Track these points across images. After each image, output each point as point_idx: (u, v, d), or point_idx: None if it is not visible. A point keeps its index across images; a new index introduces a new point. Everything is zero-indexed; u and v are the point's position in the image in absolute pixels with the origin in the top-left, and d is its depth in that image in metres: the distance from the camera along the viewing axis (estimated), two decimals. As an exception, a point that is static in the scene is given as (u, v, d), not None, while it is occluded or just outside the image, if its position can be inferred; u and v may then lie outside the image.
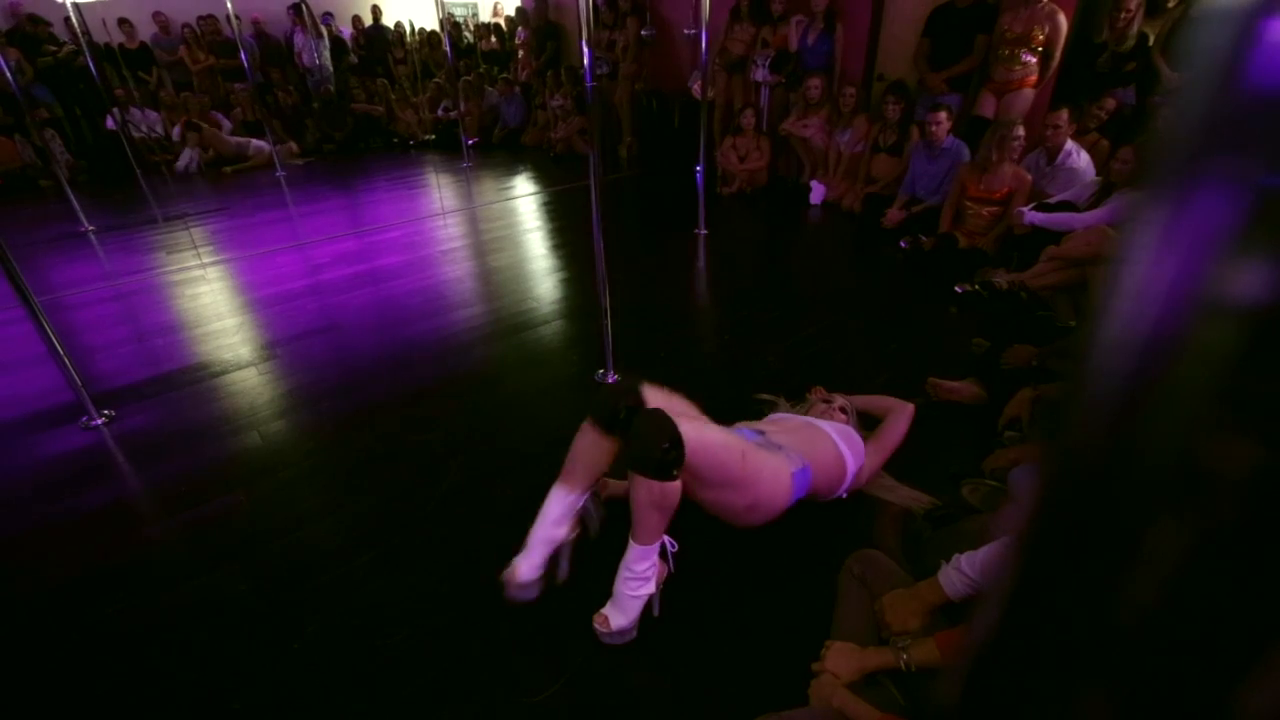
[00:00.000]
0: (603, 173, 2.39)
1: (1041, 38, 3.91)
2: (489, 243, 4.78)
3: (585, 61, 2.17)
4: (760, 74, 5.59)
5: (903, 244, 4.09)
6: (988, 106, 4.27)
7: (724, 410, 2.51)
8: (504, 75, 8.67)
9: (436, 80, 8.87)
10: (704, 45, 4.06)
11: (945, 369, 2.56)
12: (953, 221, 3.95)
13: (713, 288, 3.91)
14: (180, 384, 2.91)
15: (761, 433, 1.73)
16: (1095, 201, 3.32)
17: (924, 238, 4.02)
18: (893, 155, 4.68)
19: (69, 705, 1.51)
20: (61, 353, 2.48)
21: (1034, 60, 4.00)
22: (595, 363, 2.80)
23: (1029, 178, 3.64)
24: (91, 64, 7.13)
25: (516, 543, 1.60)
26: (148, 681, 1.55)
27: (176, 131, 7.60)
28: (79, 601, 1.79)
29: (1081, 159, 3.62)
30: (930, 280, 3.64)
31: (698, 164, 4.45)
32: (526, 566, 1.51)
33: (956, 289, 3.40)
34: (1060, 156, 3.63)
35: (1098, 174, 3.54)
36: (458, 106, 7.70)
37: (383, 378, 2.89)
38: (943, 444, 2.29)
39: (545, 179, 6.63)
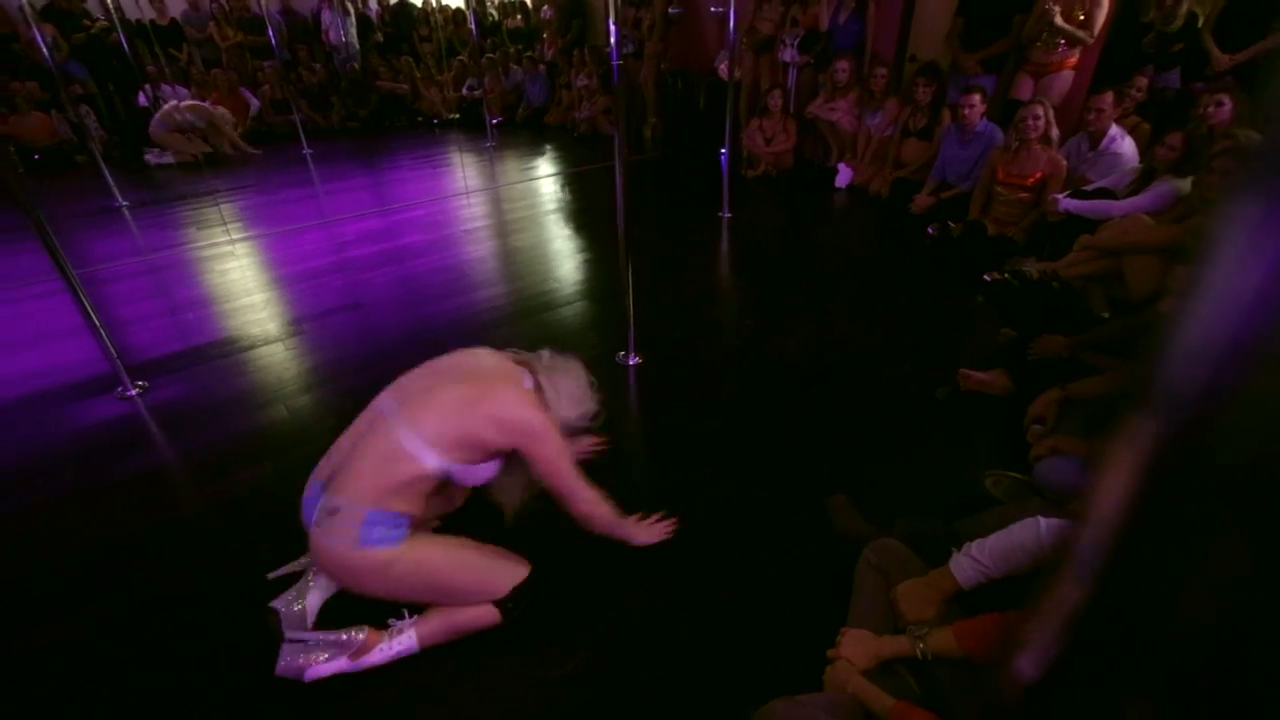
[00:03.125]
0: (627, 153, 2.36)
1: (1082, 17, 3.77)
2: (511, 223, 4.78)
3: (612, 40, 2.14)
4: (788, 54, 5.49)
5: (930, 230, 4.00)
6: (1024, 89, 4.14)
7: (739, 400, 2.51)
8: (529, 54, 8.60)
9: (461, 58, 8.84)
10: (732, 24, 3.98)
11: (970, 359, 2.52)
12: (983, 208, 3.86)
13: (735, 271, 3.88)
14: (210, 357, 2.98)
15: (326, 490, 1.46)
16: (1135, 188, 3.21)
17: (952, 224, 3.93)
18: (923, 139, 4.57)
19: (106, 663, 1.57)
20: (98, 325, 2.54)
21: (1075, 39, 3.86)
22: (616, 344, 2.80)
23: (1064, 163, 3.53)
24: (124, 40, 7.22)
25: (527, 521, 1.62)
26: (182, 641, 1.61)
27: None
28: (115, 564, 1.85)
29: (1126, 144, 3.49)
30: (958, 268, 3.57)
31: (723, 146, 4.40)
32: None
33: (985, 277, 3.32)
34: (1104, 141, 3.50)
35: (1139, 159, 3.43)
36: (482, 85, 7.68)
37: (405, 355, 2.89)
38: (969, 434, 2.26)
39: (568, 159, 6.60)
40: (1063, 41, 3.86)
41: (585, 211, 4.98)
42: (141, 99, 7.27)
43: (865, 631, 1.32)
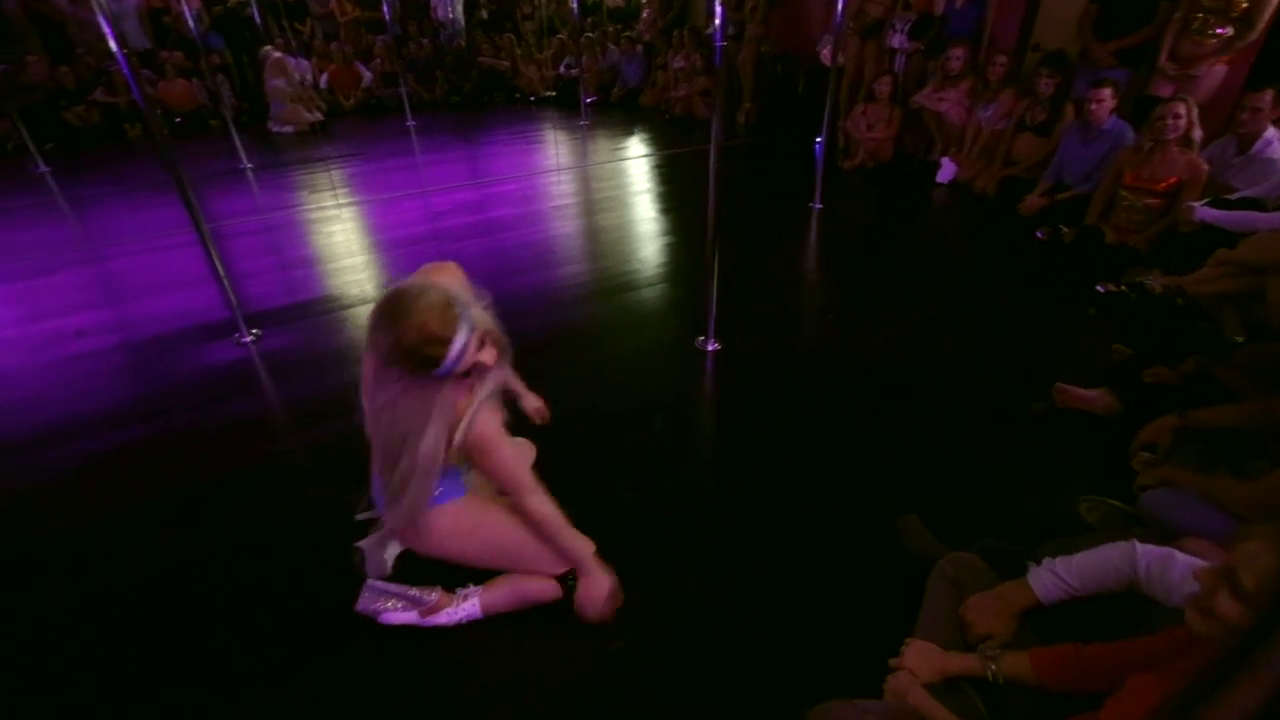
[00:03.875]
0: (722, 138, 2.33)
1: (1245, 5, 3.37)
2: (599, 202, 4.83)
3: (716, 20, 2.11)
4: (897, 40, 5.22)
5: (1039, 234, 3.73)
6: (1164, 85, 3.75)
7: (816, 396, 2.45)
8: (627, 33, 8.60)
9: (560, 36, 8.95)
10: (839, 7, 3.82)
11: (1072, 374, 2.34)
12: (1102, 213, 3.55)
13: (822, 264, 3.77)
14: (314, 312, 3.20)
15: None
16: (1288, 201, 2.87)
17: (1065, 229, 3.65)
18: (1040, 135, 4.24)
19: (214, 578, 1.74)
20: (222, 275, 2.78)
21: (1229, 31, 3.46)
22: (695, 329, 2.79)
23: (1205, 168, 3.18)
24: (256, 14, 7.75)
25: (597, 496, 1.65)
26: (275, 567, 1.76)
27: (324, 79, 8.17)
28: (223, 497, 2.04)
29: (1281, 150, 3.11)
30: (1068, 277, 3.31)
31: (819, 135, 4.25)
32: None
33: (1098, 288, 3.08)
34: (1257, 145, 3.12)
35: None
36: (579, 64, 7.75)
37: (490, 325, 3.03)
38: (1065, 455, 2.11)
39: (660, 141, 6.58)
40: (1218, 30, 3.46)
41: (673, 194, 4.96)
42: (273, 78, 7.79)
43: (932, 645, 1.27)
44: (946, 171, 4.80)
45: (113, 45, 2.31)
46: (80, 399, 2.57)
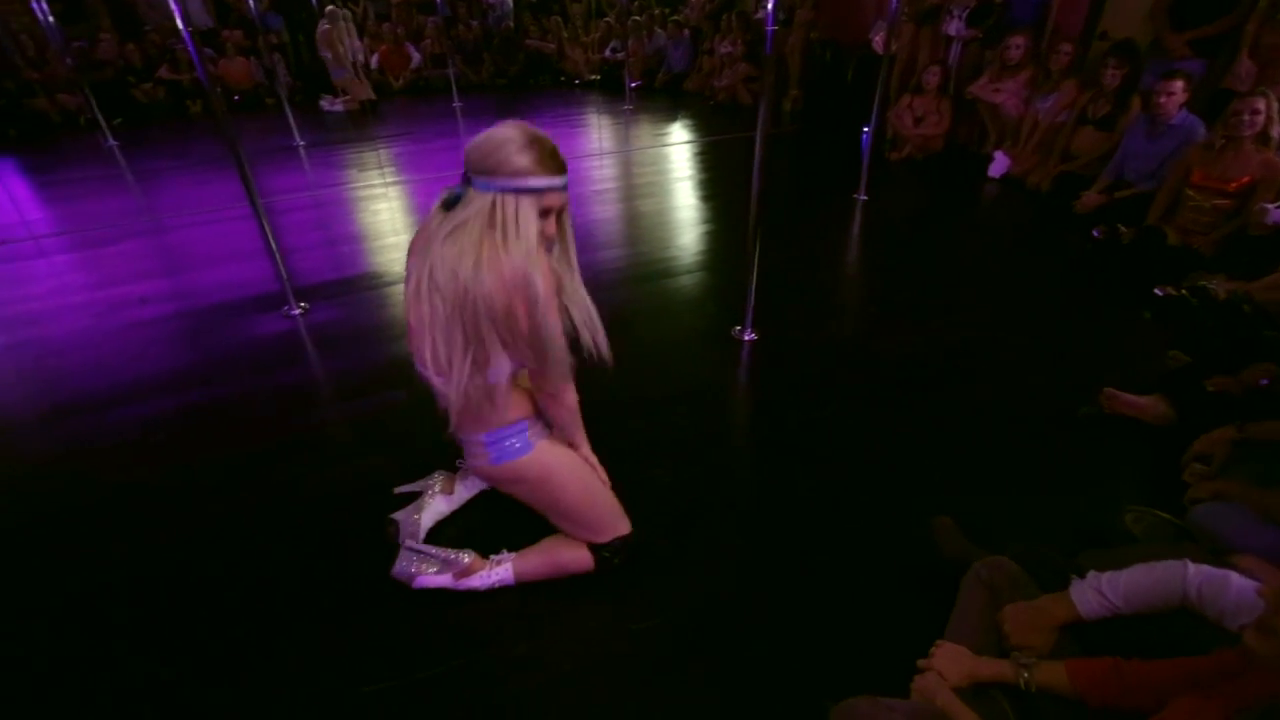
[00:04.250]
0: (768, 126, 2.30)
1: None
2: (640, 187, 4.82)
3: (768, 5, 2.07)
4: (954, 26, 5.04)
5: (1095, 233, 3.59)
6: (1244, 78, 3.54)
7: (854, 391, 2.41)
8: (675, 17, 8.50)
9: (607, 20, 8.90)
10: (896, -9, 3.71)
11: (1122, 379, 2.25)
12: (1165, 213, 3.39)
13: (865, 257, 3.69)
14: (359, 288, 3.28)
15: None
16: (1373, 205, 2.70)
17: (1123, 228, 3.50)
18: (1102, 129, 4.06)
19: (255, 537, 1.82)
20: (274, 249, 2.88)
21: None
22: (732, 318, 2.77)
23: (1283, 168, 3.01)
24: (313, -7, 7.90)
25: (628, 479, 1.66)
26: (315, 533, 1.83)
27: (375, 59, 8.30)
28: (267, 462, 2.13)
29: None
30: (1123, 278, 3.18)
31: (867, 124, 4.15)
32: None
33: (1156, 291, 2.95)
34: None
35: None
36: (625, 48, 7.71)
37: (528, 307, 3.07)
38: (1110, 463, 2.05)
39: (703, 128, 6.51)
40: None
41: (714, 182, 4.92)
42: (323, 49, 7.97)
43: (963, 648, 1.26)
44: (999, 165, 4.64)
45: (179, 23, 2.39)
46: (141, 363, 2.70)
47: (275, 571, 1.72)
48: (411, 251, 1.36)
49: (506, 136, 1.22)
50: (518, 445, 1.48)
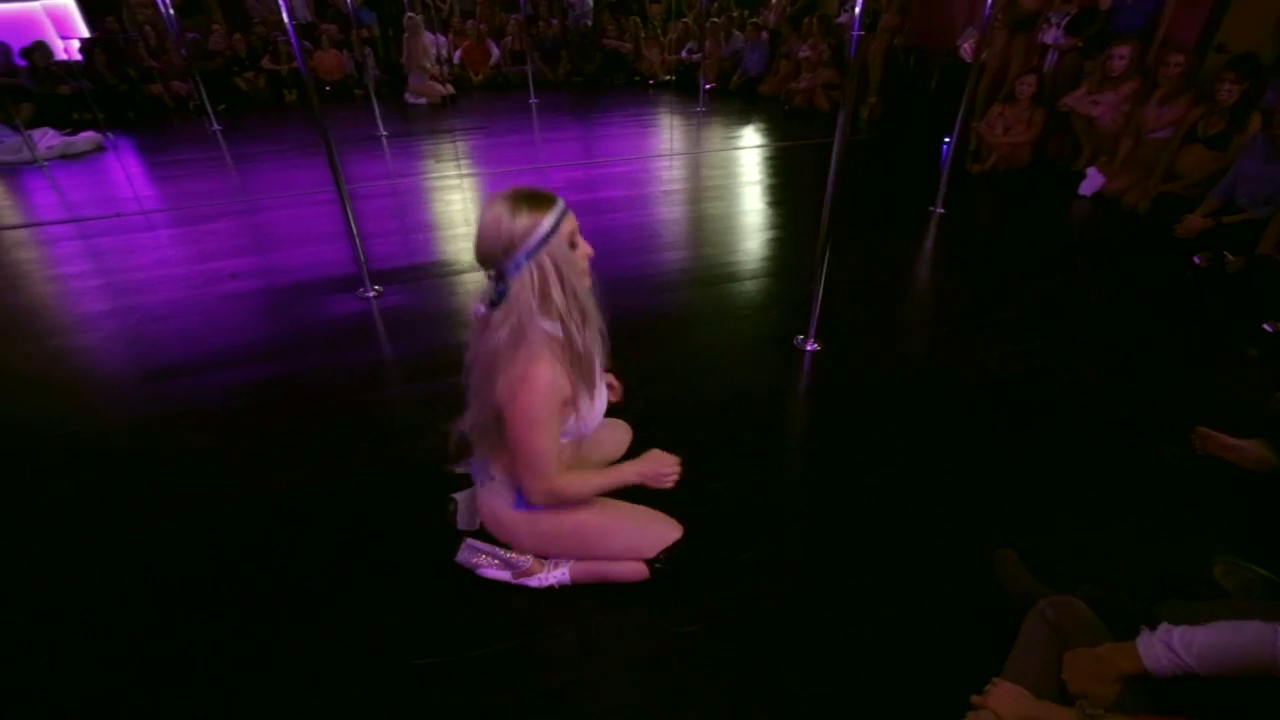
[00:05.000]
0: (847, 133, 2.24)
1: None
2: (708, 189, 4.80)
3: (856, 8, 2.02)
4: (1052, 35, 4.79)
5: (1197, 260, 3.33)
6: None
7: (917, 411, 2.32)
8: (753, 19, 8.42)
9: (685, 20, 8.90)
10: (990, -2, 3.55)
11: (1218, 420, 2.07)
12: (1281, 242, 3.12)
13: (939, 273, 3.55)
14: (430, 275, 3.40)
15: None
16: None
17: (1230, 256, 3.23)
18: (1213, 148, 3.77)
19: (319, 509, 1.91)
20: (355, 233, 3.02)
21: None
22: (795, 327, 2.72)
23: None
24: (404, -10, 8.22)
25: (682, 481, 1.65)
26: (377, 507, 1.90)
27: (458, 55, 8.57)
28: (335, 435, 2.23)
29: None
30: (1227, 311, 2.94)
31: (949, 135, 3.99)
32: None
33: (1265, 327, 2.72)
34: None
35: None
36: (701, 49, 7.68)
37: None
38: (1198, 508, 1.89)
39: (776, 132, 6.42)
40: None
41: (784, 188, 4.84)
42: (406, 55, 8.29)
43: (1022, 690, 1.19)
44: (1091, 183, 4.38)
45: (285, 17, 2.54)
46: (227, 334, 2.88)
47: (332, 542, 1.80)
48: (471, 329, 1.45)
49: (496, 215, 1.21)
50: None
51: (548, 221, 1.21)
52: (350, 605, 1.62)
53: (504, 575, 1.63)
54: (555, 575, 1.62)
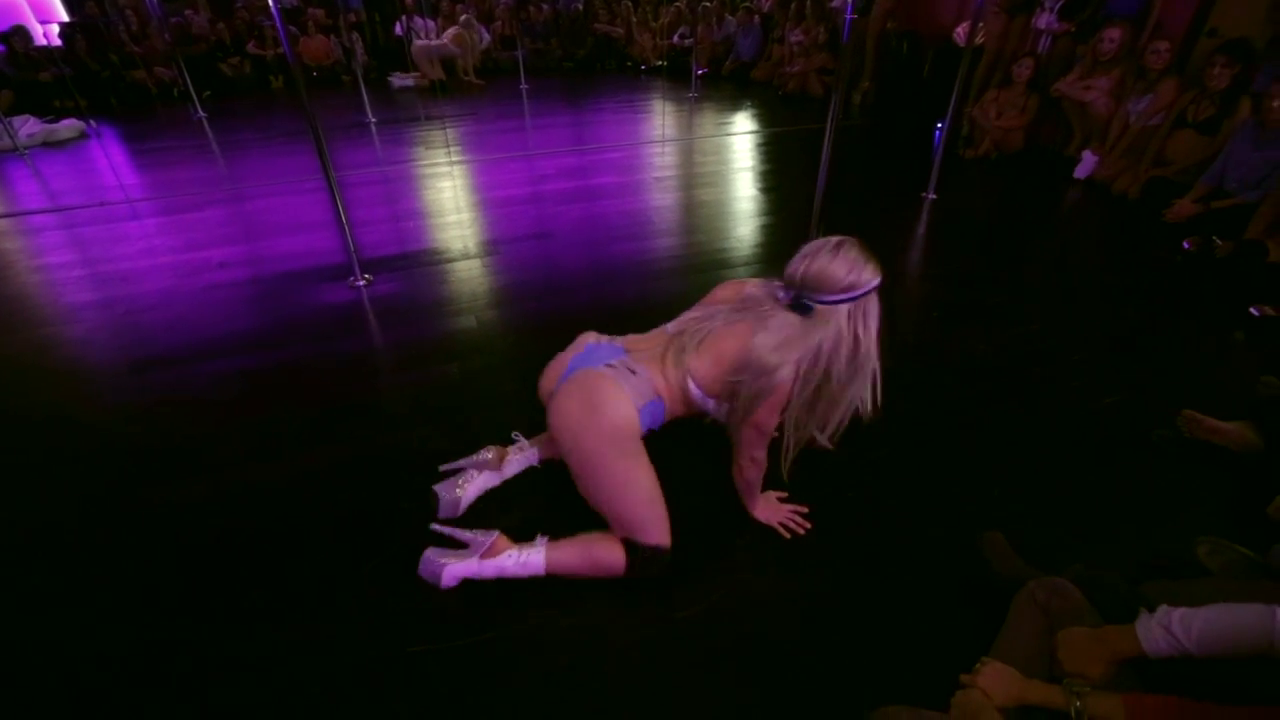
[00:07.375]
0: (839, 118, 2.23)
1: None
2: (700, 176, 4.78)
3: (847, -10, 2.00)
4: (1046, 19, 4.78)
5: (1186, 244, 3.36)
6: (1372, 82, 3.23)
7: (910, 396, 2.33)
8: (745, 4, 8.34)
9: (677, 5, 8.81)
10: (984, -20, 3.52)
11: (1204, 403, 2.09)
12: (1269, 227, 3.14)
13: (929, 258, 3.55)
14: (420, 263, 3.38)
15: (627, 351, 1.57)
16: None
17: (1219, 241, 3.26)
18: (1204, 134, 3.78)
19: (304, 502, 1.91)
20: (344, 221, 2.98)
21: None
22: (785, 314, 2.72)
23: None
24: (391, -27, 8.09)
25: (675, 472, 1.65)
26: (364, 497, 1.90)
27: (447, 39, 8.45)
28: (325, 425, 2.22)
29: None
30: (1216, 295, 2.97)
31: (941, 119, 3.98)
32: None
33: (1252, 311, 2.74)
34: None
35: None
36: (693, 34, 7.62)
37: (583, 288, 3.10)
38: (1185, 490, 1.92)
39: (768, 118, 6.39)
40: None
41: (776, 174, 4.82)
42: (398, 29, 8.20)
43: (1011, 669, 1.21)
44: (1085, 167, 4.39)
45: (270, 1, 2.49)
46: (216, 323, 2.85)
47: (324, 530, 1.80)
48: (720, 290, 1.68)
49: (855, 258, 1.63)
50: (655, 422, 1.55)
51: (880, 279, 1.57)
52: (344, 592, 1.62)
53: (470, 565, 1.55)
54: (531, 558, 1.55)
